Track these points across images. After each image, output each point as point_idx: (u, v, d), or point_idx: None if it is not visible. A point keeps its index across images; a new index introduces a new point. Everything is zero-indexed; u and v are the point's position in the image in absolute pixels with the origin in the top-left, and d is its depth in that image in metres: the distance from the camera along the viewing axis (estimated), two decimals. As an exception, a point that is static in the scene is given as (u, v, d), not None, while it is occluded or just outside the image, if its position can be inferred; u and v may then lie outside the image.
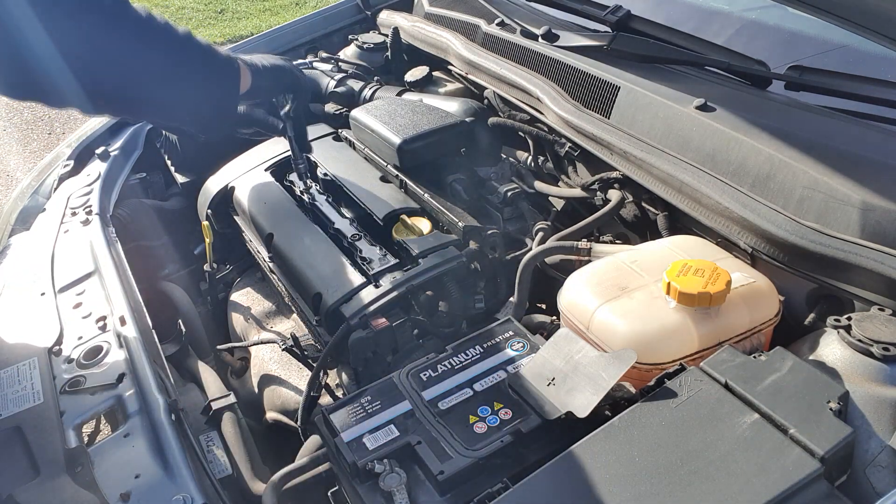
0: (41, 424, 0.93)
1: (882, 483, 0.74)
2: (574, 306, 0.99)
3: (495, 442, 0.84)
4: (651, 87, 1.26)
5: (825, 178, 0.98)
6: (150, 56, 1.04)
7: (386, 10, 2.15)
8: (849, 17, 1.07)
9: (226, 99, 1.19)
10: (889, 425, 0.76)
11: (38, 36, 0.91)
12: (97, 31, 0.98)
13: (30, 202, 1.57)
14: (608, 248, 1.14)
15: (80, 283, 1.22)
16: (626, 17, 1.42)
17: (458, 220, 1.23)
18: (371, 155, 1.47)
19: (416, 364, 0.99)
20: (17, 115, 4.97)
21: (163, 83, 1.08)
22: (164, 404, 0.95)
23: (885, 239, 0.91)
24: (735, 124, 1.12)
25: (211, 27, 6.45)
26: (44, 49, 0.92)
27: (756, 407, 0.75)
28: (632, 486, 0.69)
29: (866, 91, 1.18)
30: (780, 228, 0.98)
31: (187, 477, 0.85)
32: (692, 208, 1.11)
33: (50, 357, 1.06)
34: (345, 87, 1.76)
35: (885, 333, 0.82)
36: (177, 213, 1.71)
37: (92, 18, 0.97)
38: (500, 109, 1.55)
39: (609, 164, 1.26)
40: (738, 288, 0.93)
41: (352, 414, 0.91)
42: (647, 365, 0.89)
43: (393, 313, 1.14)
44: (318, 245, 1.30)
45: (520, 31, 1.59)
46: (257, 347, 1.40)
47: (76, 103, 1.03)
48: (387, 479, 0.82)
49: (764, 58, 1.30)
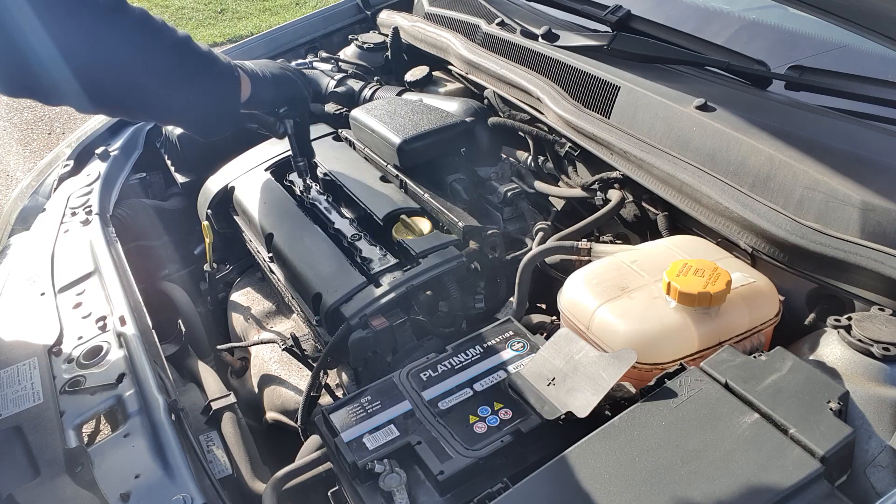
0: (41, 424, 0.93)
1: (882, 483, 0.74)
2: (574, 306, 0.99)
3: (495, 442, 0.84)
4: (651, 87, 1.26)
5: (825, 178, 0.98)
6: (145, 55, 1.04)
7: (386, 10, 2.15)
8: (849, 17, 1.07)
9: (225, 104, 1.18)
10: (889, 425, 0.76)
11: (37, 32, 0.91)
12: (93, 28, 0.97)
13: (30, 202, 1.57)
14: (608, 248, 1.14)
15: (80, 283, 1.22)
16: (626, 17, 1.42)
17: (458, 220, 1.23)
18: (371, 155, 1.47)
19: (416, 364, 0.99)
20: (17, 115, 4.97)
21: (159, 84, 1.08)
22: (164, 404, 0.95)
23: (885, 239, 0.91)
24: (735, 124, 1.12)
25: (211, 27, 6.45)
26: (42, 46, 0.92)
27: (756, 407, 0.75)
28: (632, 486, 0.69)
29: (866, 91, 1.18)
30: (780, 228, 0.98)
31: (187, 477, 0.85)
32: (692, 208, 1.11)
33: (50, 357, 1.06)
34: (345, 86, 1.76)
35: (885, 333, 0.82)
36: (177, 213, 1.71)
37: (88, 15, 0.96)
38: (500, 109, 1.55)
39: (609, 164, 1.26)
40: (739, 288, 0.93)
41: (352, 414, 0.91)
42: (647, 365, 0.89)
43: (393, 313, 1.14)
44: (318, 245, 1.30)
45: (520, 31, 1.59)
46: (257, 347, 1.40)
47: (73, 101, 1.03)
48: (387, 479, 0.82)
49: (764, 58, 1.30)
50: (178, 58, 1.08)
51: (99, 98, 1.04)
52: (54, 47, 0.93)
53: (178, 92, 1.10)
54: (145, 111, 1.17)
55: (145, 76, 1.05)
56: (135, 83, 1.05)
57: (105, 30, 0.99)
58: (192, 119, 1.18)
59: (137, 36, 1.02)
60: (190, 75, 1.11)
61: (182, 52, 1.09)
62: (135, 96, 1.08)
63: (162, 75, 1.07)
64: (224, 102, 1.18)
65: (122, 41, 1.01)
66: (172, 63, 1.08)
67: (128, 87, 1.05)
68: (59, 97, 1.01)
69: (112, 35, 1.00)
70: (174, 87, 1.09)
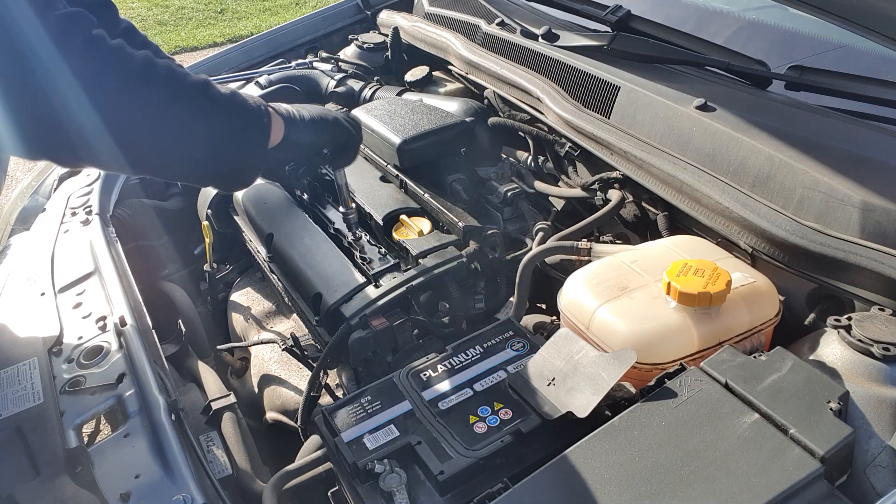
0: (41, 424, 0.93)
1: (882, 483, 0.74)
2: (574, 306, 0.99)
3: (495, 442, 0.84)
4: (651, 87, 1.26)
5: (825, 178, 0.98)
6: (174, 114, 0.95)
7: (386, 10, 2.15)
8: (849, 17, 1.08)
9: (251, 149, 1.04)
10: (889, 425, 0.76)
11: (78, 101, 0.85)
12: (135, 95, 0.90)
13: (30, 202, 1.57)
14: (608, 248, 1.14)
15: (80, 283, 1.22)
16: (626, 17, 1.42)
17: (458, 220, 1.23)
18: (371, 155, 1.47)
19: (416, 364, 0.99)
20: (17, 115, 4.96)
21: (176, 136, 0.97)
22: (164, 404, 0.95)
23: (885, 239, 0.91)
24: (735, 124, 1.12)
25: (211, 27, 6.45)
26: (83, 115, 0.86)
27: (756, 407, 0.75)
28: (632, 486, 0.69)
29: (866, 91, 1.18)
30: (780, 228, 0.98)
31: (187, 477, 0.85)
32: (692, 208, 1.11)
33: (50, 357, 1.06)
34: (345, 87, 1.76)
35: (885, 333, 0.82)
36: (177, 213, 1.71)
37: (120, 80, 0.89)
38: (500, 109, 1.55)
39: (609, 164, 1.26)
40: (739, 288, 0.93)
41: (352, 414, 0.91)
42: (648, 365, 0.89)
43: (393, 313, 1.14)
44: (318, 245, 1.30)
45: (520, 31, 1.59)
46: (257, 347, 1.40)
47: (112, 166, 0.97)
48: (387, 480, 0.82)
49: (764, 58, 1.30)
50: (198, 106, 0.97)
51: (135, 163, 0.96)
52: (92, 113, 0.86)
53: (193, 141, 0.99)
54: (158, 168, 1.04)
55: (164, 130, 0.95)
56: (161, 140, 0.96)
57: (136, 94, 0.91)
58: (214, 171, 1.04)
59: (165, 95, 0.94)
60: (210, 122, 0.99)
61: (202, 99, 0.98)
62: (164, 154, 0.98)
63: (183, 126, 0.97)
64: (250, 147, 1.04)
65: (152, 103, 0.93)
66: (194, 111, 0.97)
67: (148, 145, 0.96)
68: (95, 161, 0.95)
69: (142, 98, 0.91)
70: (191, 137, 0.98)
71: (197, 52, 5.86)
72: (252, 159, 1.05)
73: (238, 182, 1.09)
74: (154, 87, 0.92)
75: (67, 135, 0.88)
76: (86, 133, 0.88)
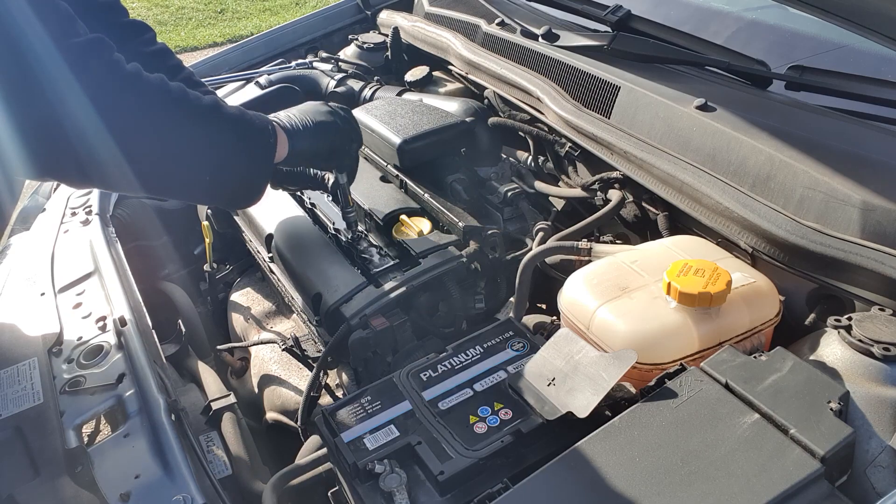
0: (41, 424, 0.93)
1: (882, 483, 0.74)
2: (574, 306, 0.99)
3: (495, 442, 0.84)
4: (651, 87, 1.26)
5: (825, 178, 0.98)
6: (181, 132, 0.97)
7: (386, 10, 2.15)
8: (849, 17, 1.07)
9: (258, 167, 1.07)
10: (889, 425, 0.76)
11: (92, 124, 0.87)
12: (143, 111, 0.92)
13: (30, 202, 1.57)
14: (608, 248, 1.14)
15: (80, 283, 1.22)
16: (626, 17, 1.42)
17: (458, 220, 1.23)
18: (371, 155, 1.47)
19: (416, 364, 0.99)
20: (17, 114, 4.96)
21: (185, 160, 1.00)
22: (164, 404, 0.95)
23: (885, 239, 0.91)
24: (735, 124, 1.12)
25: (211, 27, 6.45)
26: (96, 138, 0.87)
27: (756, 407, 0.75)
28: (632, 486, 0.69)
29: (866, 91, 1.18)
30: (780, 228, 0.98)
31: (187, 477, 0.85)
32: (692, 208, 1.11)
33: (50, 357, 1.06)
34: (345, 87, 1.76)
35: (885, 333, 0.82)
36: (177, 213, 1.71)
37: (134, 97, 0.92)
38: (500, 109, 1.55)
39: (609, 164, 1.26)
40: (739, 288, 0.93)
41: (352, 414, 0.91)
42: (648, 365, 0.89)
43: (393, 313, 1.14)
44: (318, 245, 1.30)
45: (520, 30, 1.59)
46: (257, 347, 1.40)
47: (125, 187, 1.00)
48: (387, 480, 0.82)
49: (764, 58, 1.30)
50: (211, 126, 1.00)
51: (146, 184, 0.98)
52: (107, 136, 0.88)
53: (207, 161, 1.01)
54: (170, 189, 1.07)
55: (176, 151, 0.98)
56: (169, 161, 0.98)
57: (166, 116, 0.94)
58: (223, 190, 1.08)
59: (178, 118, 0.96)
60: (221, 143, 1.01)
61: (211, 120, 1.00)
62: (176, 178, 1.01)
63: (193, 146, 0.99)
64: (257, 166, 1.06)
65: (166, 126, 0.95)
66: (207, 131, 0.99)
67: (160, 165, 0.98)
68: (108, 184, 0.98)
69: (157, 121, 0.94)
70: (206, 156, 1.01)
71: (197, 52, 5.86)
72: (259, 177, 1.09)
73: (244, 200, 1.13)
74: (167, 110, 0.95)
75: (78, 157, 0.90)
76: (97, 155, 0.90)
